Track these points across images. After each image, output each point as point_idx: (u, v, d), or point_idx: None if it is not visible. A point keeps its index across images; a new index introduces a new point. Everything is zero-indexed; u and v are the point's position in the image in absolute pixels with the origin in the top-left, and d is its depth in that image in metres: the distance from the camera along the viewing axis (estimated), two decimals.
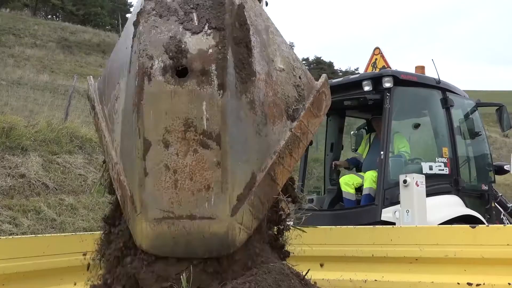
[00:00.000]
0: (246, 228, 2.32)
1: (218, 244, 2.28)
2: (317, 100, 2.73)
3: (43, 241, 3.68)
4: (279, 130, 2.55)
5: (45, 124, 13.55)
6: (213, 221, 2.25)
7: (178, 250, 2.30)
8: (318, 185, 8.84)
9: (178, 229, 2.25)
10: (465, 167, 7.99)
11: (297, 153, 2.58)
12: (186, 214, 2.25)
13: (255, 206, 2.35)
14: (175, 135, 2.25)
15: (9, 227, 9.79)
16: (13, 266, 3.37)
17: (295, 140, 2.58)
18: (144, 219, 2.27)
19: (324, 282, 3.58)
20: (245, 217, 2.31)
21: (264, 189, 2.40)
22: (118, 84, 2.57)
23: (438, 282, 3.42)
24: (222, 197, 2.24)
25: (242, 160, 2.32)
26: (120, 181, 2.44)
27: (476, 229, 3.37)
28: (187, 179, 2.24)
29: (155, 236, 2.28)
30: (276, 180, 2.45)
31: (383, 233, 3.73)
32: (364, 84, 7.33)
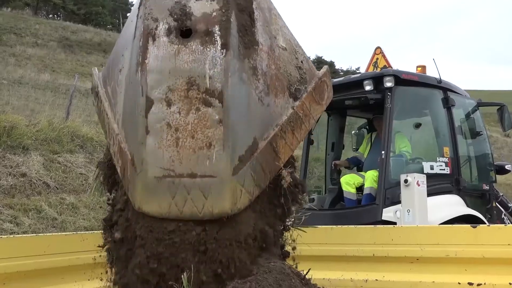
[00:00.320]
0: (248, 193, 2.29)
1: (219, 205, 2.24)
2: (318, 87, 2.75)
3: (44, 241, 3.68)
4: (281, 105, 2.55)
5: (46, 123, 13.56)
6: (214, 179, 2.22)
7: (178, 211, 2.26)
8: (319, 184, 8.84)
9: (178, 188, 2.23)
10: (466, 166, 7.99)
11: (299, 134, 2.58)
12: (187, 173, 2.23)
13: (256, 172, 2.32)
14: (177, 93, 2.27)
15: (10, 226, 9.80)
16: (14, 265, 3.37)
17: (297, 119, 2.57)
18: (144, 178, 2.25)
19: (325, 282, 3.58)
20: (247, 181, 2.28)
21: (266, 158, 2.38)
22: (123, 56, 2.59)
23: (439, 282, 3.42)
24: (223, 155, 2.23)
25: (244, 123, 2.32)
26: (121, 150, 2.43)
27: (477, 228, 3.37)
28: (188, 137, 2.24)
29: (155, 195, 2.25)
30: (278, 153, 2.45)
31: (384, 232, 3.73)
32: (365, 83, 7.33)
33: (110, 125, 2.60)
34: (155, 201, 2.26)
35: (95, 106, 2.91)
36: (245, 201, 2.30)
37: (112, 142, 2.57)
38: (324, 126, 8.71)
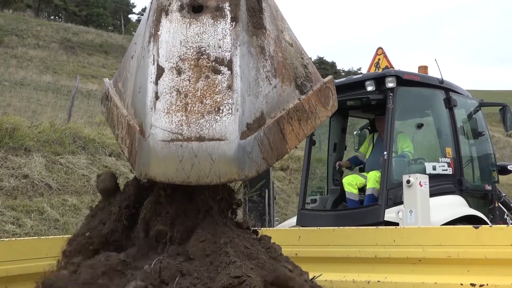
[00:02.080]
0: (255, 163, 2.30)
1: (226, 168, 2.24)
2: (324, 90, 2.78)
3: (45, 243, 3.68)
4: (287, 92, 2.59)
5: (48, 125, 13.57)
6: (222, 142, 2.24)
7: (184, 175, 2.26)
8: (321, 185, 8.83)
9: (185, 151, 2.24)
10: (468, 167, 7.99)
11: (306, 127, 2.60)
12: (195, 136, 2.25)
13: (264, 145, 2.34)
14: (188, 62, 2.35)
15: (13, 228, 9.81)
16: (16, 268, 3.37)
17: (303, 112, 2.60)
18: (152, 142, 2.27)
19: (327, 283, 3.58)
20: (254, 150, 2.30)
21: (273, 136, 2.40)
22: (135, 43, 2.69)
23: (442, 283, 3.42)
24: (231, 119, 2.26)
25: (251, 94, 2.37)
26: (129, 127, 2.46)
27: (479, 229, 3.36)
28: (197, 102, 2.28)
29: (162, 159, 2.26)
30: (285, 136, 2.47)
31: (386, 233, 3.72)
32: (367, 84, 7.33)
33: (118, 115, 2.65)
34: (162, 166, 2.27)
35: (104, 112, 2.94)
36: (252, 170, 2.30)
37: (120, 127, 2.60)
38: (326, 126, 8.71)
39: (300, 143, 2.62)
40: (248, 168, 2.28)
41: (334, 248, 3.86)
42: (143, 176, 2.37)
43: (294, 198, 17.29)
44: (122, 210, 2.80)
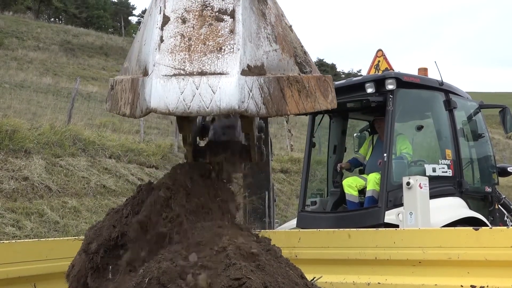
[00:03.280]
0: (255, 102, 2.33)
1: (226, 99, 2.28)
2: (323, 82, 2.81)
3: (46, 245, 3.69)
4: (287, 62, 2.63)
5: (48, 127, 13.59)
6: (223, 76, 2.29)
7: (185, 106, 2.30)
8: (321, 187, 8.84)
9: (187, 84, 2.29)
10: (468, 169, 7.99)
11: (305, 101, 2.62)
12: (197, 71, 2.31)
13: (264, 92, 2.38)
14: (192, 13, 2.44)
15: (12, 230, 9.81)
16: (16, 270, 3.37)
17: (303, 87, 2.62)
18: (154, 77, 2.32)
19: (327, 285, 3.58)
20: (254, 90, 2.33)
21: (274, 90, 2.43)
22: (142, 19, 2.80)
23: (442, 284, 3.42)
24: (233, 56, 2.33)
25: (253, 42, 2.43)
26: (133, 82, 2.51)
27: (479, 231, 3.37)
28: (200, 44, 2.36)
29: (163, 92, 2.30)
30: (285, 97, 2.49)
31: (386, 235, 3.73)
32: (367, 86, 7.34)
33: (122, 84, 2.70)
34: (163, 98, 2.31)
35: (107, 104, 2.98)
36: (252, 108, 2.32)
37: (123, 93, 2.65)
38: (326, 128, 8.72)
39: (299, 113, 2.65)
40: (248, 103, 2.31)
41: (334, 250, 3.87)
42: (144, 111, 2.37)
43: (294, 200, 17.30)
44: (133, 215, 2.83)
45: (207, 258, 2.42)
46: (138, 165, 14.99)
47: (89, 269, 2.89)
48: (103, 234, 2.93)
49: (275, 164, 20.04)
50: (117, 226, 2.88)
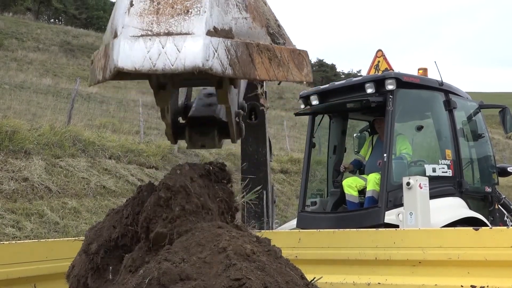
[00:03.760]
0: (220, 62, 2.37)
1: (191, 57, 2.33)
2: (298, 55, 2.84)
3: (46, 246, 3.68)
4: (258, 32, 2.67)
5: (48, 128, 13.59)
6: (189, 36, 2.35)
7: (151, 64, 2.35)
8: (321, 187, 8.85)
9: (154, 43, 2.36)
10: (468, 169, 8.00)
11: (277, 70, 2.65)
12: (164, 32, 2.38)
13: (231, 54, 2.42)
14: None
15: (12, 231, 9.81)
16: (17, 271, 3.37)
17: (275, 56, 2.65)
18: (122, 38, 2.39)
19: (327, 286, 3.58)
20: (220, 50, 2.38)
21: (241, 54, 2.47)
22: None
23: (442, 285, 3.42)
24: (199, 17, 2.38)
25: (221, 7, 2.47)
26: (106, 48, 2.53)
27: (479, 231, 3.37)
28: (168, 7, 2.42)
29: (130, 51, 2.37)
30: (254, 63, 2.52)
31: (386, 235, 3.72)
32: (367, 86, 7.35)
33: (98, 53, 2.72)
34: (130, 56, 2.37)
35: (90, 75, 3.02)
36: (217, 67, 2.36)
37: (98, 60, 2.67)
38: (326, 129, 8.73)
39: (269, 79, 2.68)
40: (212, 62, 2.36)
41: (334, 250, 3.86)
42: (112, 71, 2.40)
43: (294, 201, 17.31)
44: (134, 216, 2.84)
45: (207, 258, 2.42)
46: (138, 166, 14.99)
47: (89, 270, 2.89)
48: (103, 234, 2.93)
49: (275, 164, 20.04)
50: (117, 226, 2.89)
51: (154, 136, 19.75)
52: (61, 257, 3.56)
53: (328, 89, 8.12)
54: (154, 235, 2.64)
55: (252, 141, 6.13)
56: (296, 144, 28.26)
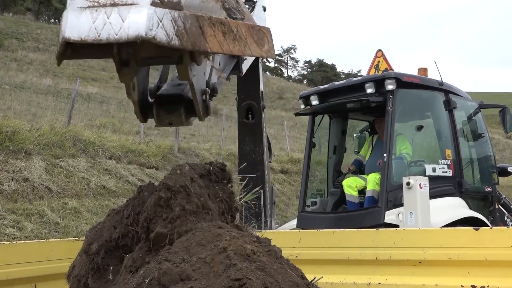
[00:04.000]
0: (165, 32, 2.42)
1: (134, 27, 2.38)
2: (257, 32, 2.87)
3: (46, 246, 3.69)
4: (212, 5, 2.70)
5: (48, 128, 13.59)
6: (133, 6, 2.40)
7: (96, 34, 2.41)
8: (321, 187, 8.85)
9: (99, 14, 2.42)
10: (468, 169, 8.00)
11: (232, 45, 2.68)
12: (110, 3, 2.43)
13: (178, 25, 2.45)
14: None
15: (13, 231, 9.81)
16: (17, 271, 3.38)
17: (230, 30, 2.68)
18: (70, 10, 2.45)
19: (328, 286, 3.58)
20: (165, 22, 2.42)
21: (191, 26, 2.50)
22: None
23: (442, 284, 3.42)
24: None
25: None
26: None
27: (479, 231, 3.37)
28: None
29: (77, 21, 2.43)
30: (205, 35, 2.55)
31: (386, 235, 3.73)
32: (367, 86, 7.35)
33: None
34: (77, 27, 2.43)
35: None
36: (162, 36, 2.40)
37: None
38: (326, 129, 8.73)
39: (223, 53, 2.71)
40: (156, 31, 2.40)
41: (335, 250, 3.87)
42: (60, 41, 2.48)
43: (294, 201, 17.32)
44: (134, 216, 2.84)
45: (208, 258, 2.43)
46: (138, 166, 14.99)
47: (89, 270, 2.90)
48: (103, 235, 2.93)
49: (275, 164, 20.05)
50: (118, 227, 2.89)
51: (154, 136, 19.75)
52: (62, 258, 3.56)
53: (328, 89, 8.12)
54: (155, 235, 2.64)
55: (249, 141, 6.13)
56: (296, 144, 28.27)
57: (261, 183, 5.82)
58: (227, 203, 2.93)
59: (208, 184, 2.90)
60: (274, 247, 2.68)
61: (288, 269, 2.54)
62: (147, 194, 2.86)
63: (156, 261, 2.45)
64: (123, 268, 2.71)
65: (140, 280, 2.38)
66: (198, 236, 2.54)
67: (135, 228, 2.83)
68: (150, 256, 2.63)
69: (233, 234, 2.58)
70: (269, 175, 6.54)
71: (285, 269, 2.53)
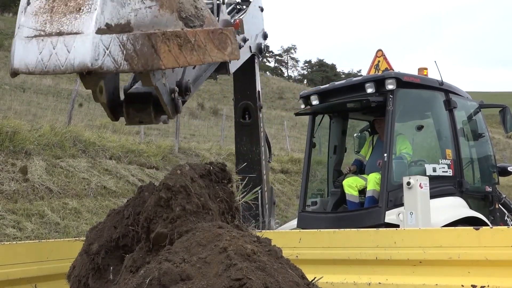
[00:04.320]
0: (113, 60, 2.40)
1: (79, 58, 2.36)
2: (219, 35, 2.85)
3: (47, 246, 3.69)
4: (167, 18, 2.67)
5: (49, 128, 13.58)
6: (78, 36, 2.37)
7: (43, 65, 2.40)
8: (322, 187, 8.84)
9: (45, 44, 2.39)
10: (468, 168, 8.00)
11: (188, 56, 2.67)
12: (56, 32, 2.40)
13: (127, 49, 2.43)
14: None
15: (13, 231, 9.81)
16: (17, 271, 3.38)
17: (187, 41, 2.66)
18: (17, 39, 2.45)
19: (328, 285, 3.58)
20: (113, 48, 2.40)
21: (141, 47, 2.48)
22: None
23: (442, 284, 3.42)
24: (89, 16, 2.39)
25: (116, 1, 2.46)
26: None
27: (479, 231, 3.37)
28: (62, 5, 2.44)
29: (24, 52, 2.42)
30: (158, 53, 2.53)
31: (386, 235, 3.73)
32: (367, 86, 7.35)
33: None
34: (24, 58, 2.42)
35: None
36: (109, 64, 2.39)
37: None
38: (326, 129, 8.73)
39: (180, 67, 2.70)
40: (103, 60, 2.38)
41: (335, 250, 3.87)
42: (11, 73, 2.48)
43: (295, 201, 17.31)
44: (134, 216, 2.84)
45: (208, 258, 2.43)
46: (139, 166, 14.98)
47: (90, 270, 2.90)
48: (104, 235, 2.94)
49: (276, 164, 20.04)
50: (118, 227, 2.89)
51: (154, 137, 19.76)
52: (62, 258, 3.56)
53: (328, 89, 8.12)
54: (155, 235, 2.64)
55: (246, 141, 6.14)
56: (297, 144, 28.26)
57: (258, 183, 5.82)
58: (227, 203, 2.93)
59: (208, 184, 2.90)
60: (274, 247, 2.68)
61: (288, 269, 2.54)
62: (148, 194, 2.86)
63: (156, 261, 2.45)
64: (124, 268, 2.71)
65: (140, 280, 2.38)
66: (199, 236, 2.54)
67: (136, 228, 2.84)
68: (150, 256, 2.64)
69: (234, 234, 2.58)
70: (268, 175, 6.54)
71: (285, 269, 2.53)
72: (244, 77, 6.08)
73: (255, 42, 5.73)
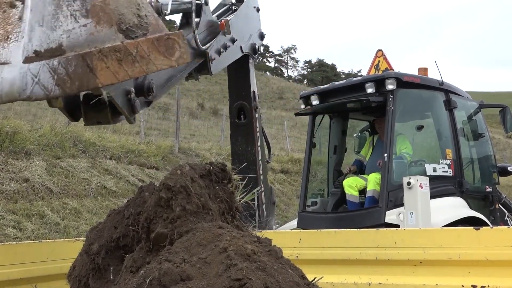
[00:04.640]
0: (43, 87, 2.38)
1: (7, 89, 2.34)
2: (165, 41, 2.81)
3: (47, 246, 3.69)
4: (105, 33, 2.64)
5: (49, 128, 13.59)
6: (6, 66, 2.35)
7: None
8: (322, 187, 8.84)
9: None
10: (468, 168, 7.99)
11: (130, 69, 2.64)
12: None
13: (58, 74, 2.41)
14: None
15: (13, 232, 9.81)
16: (17, 271, 3.38)
17: (127, 54, 2.64)
18: None
19: (328, 286, 3.58)
20: (43, 75, 2.38)
21: (75, 68, 2.46)
22: None
23: (443, 284, 3.42)
24: (16, 45, 2.38)
25: (46, 26, 2.45)
26: None
27: (480, 231, 3.37)
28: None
29: None
30: (94, 71, 2.51)
31: (387, 235, 3.73)
32: (367, 86, 7.34)
33: None
34: None
35: None
36: (38, 92, 2.37)
37: None
38: (326, 129, 8.72)
39: (120, 81, 2.67)
40: (31, 90, 2.36)
41: (335, 250, 3.87)
42: None
43: (295, 201, 17.31)
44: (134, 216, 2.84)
45: (208, 258, 2.43)
46: (139, 166, 14.99)
47: (90, 270, 2.90)
48: (104, 235, 2.94)
49: (276, 164, 20.05)
50: (118, 227, 2.90)
51: (154, 137, 19.76)
52: (62, 258, 3.57)
53: (328, 89, 8.12)
54: (155, 235, 2.64)
55: (241, 141, 6.13)
56: (297, 144, 28.27)
57: (254, 183, 5.81)
58: (228, 203, 2.93)
59: (208, 184, 2.90)
60: (274, 247, 2.68)
61: (288, 269, 2.54)
62: (148, 194, 2.86)
63: (156, 261, 2.45)
64: (124, 268, 2.71)
65: (140, 280, 2.38)
66: (199, 236, 2.54)
67: (136, 228, 2.84)
68: (150, 256, 2.64)
69: (234, 234, 2.58)
70: (266, 175, 6.54)
71: (285, 269, 2.53)
72: (237, 77, 6.06)
73: (248, 42, 5.71)
